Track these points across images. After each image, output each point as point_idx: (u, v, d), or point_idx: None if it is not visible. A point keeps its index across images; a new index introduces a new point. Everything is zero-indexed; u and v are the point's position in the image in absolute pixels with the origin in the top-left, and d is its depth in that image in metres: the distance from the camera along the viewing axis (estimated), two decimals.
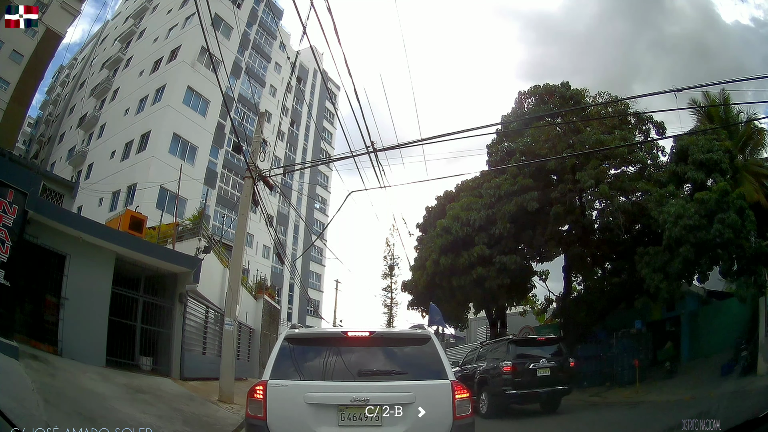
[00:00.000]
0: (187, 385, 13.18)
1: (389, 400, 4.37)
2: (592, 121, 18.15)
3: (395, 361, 4.98)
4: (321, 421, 4.35)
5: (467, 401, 4.60)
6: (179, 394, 11.84)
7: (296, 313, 46.82)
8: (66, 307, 11.13)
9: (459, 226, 17.78)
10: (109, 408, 8.10)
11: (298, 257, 39.13)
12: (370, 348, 4.98)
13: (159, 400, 10.25)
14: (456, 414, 4.44)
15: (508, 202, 17.50)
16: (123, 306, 12.99)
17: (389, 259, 54.94)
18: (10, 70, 27.03)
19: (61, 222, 11.28)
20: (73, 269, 11.36)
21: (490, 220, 17.75)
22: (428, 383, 4.61)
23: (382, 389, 4.49)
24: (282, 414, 4.42)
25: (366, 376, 4.68)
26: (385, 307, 53.87)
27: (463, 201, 18.80)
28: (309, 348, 5.08)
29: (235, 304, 12.47)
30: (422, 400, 4.41)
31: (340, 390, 4.44)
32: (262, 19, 44.95)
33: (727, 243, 13.50)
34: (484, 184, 19.10)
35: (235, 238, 13.37)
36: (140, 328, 13.66)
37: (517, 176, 17.94)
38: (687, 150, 15.31)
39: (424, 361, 4.86)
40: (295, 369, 4.77)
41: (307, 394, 4.42)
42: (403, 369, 4.89)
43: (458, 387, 4.57)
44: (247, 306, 23.54)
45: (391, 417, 4.33)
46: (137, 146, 30.34)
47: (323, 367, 4.77)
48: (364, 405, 4.32)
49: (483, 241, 17.50)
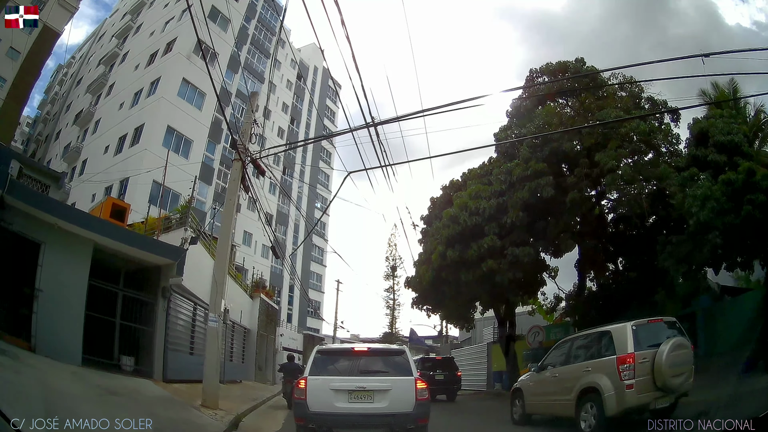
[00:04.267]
0: (169, 388, 12.01)
1: (378, 387, 7.28)
2: (607, 101, 17.19)
3: (382, 365, 7.89)
4: (338, 399, 7.19)
5: (425, 389, 7.48)
6: (158, 397, 10.69)
7: (296, 315, 45.60)
8: (40, 299, 10.14)
9: (467, 216, 16.53)
10: (71, 410, 7.07)
11: (298, 245, 37.97)
12: (367, 357, 8.02)
13: (133, 404, 9.18)
14: (417, 397, 7.26)
15: (520, 189, 16.29)
16: (101, 300, 11.95)
17: (391, 260, 54.02)
18: (6, 67, 25.96)
19: (37, 207, 10.38)
20: (49, 259, 10.39)
21: (501, 209, 16.51)
22: (401, 378, 7.45)
23: (374, 381, 7.37)
24: (315, 396, 7.22)
25: (364, 374, 7.53)
26: (388, 309, 52.89)
27: (471, 189, 17.52)
28: (331, 357, 8.19)
29: (220, 298, 11.22)
30: (397, 387, 7.32)
31: (350, 382, 7.32)
32: (261, 14, 43.99)
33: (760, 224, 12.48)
34: (493, 170, 17.90)
35: (222, 225, 12.14)
36: (119, 325, 12.56)
37: (530, 161, 16.70)
38: (706, 132, 14.52)
39: (399, 365, 7.71)
40: (324, 369, 7.67)
41: (331, 383, 7.31)
42: (386, 369, 7.71)
43: (419, 380, 7.50)
44: (242, 305, 22.34)
45: (379, 397, 7.23)
46: (131, 140, 29.18)
47: (340, 368, 7.74)
48: (363, 390, 7.23)
49: (493, 231, 16.26)
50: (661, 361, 8.07)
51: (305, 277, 46.67)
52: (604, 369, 8.66)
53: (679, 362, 8.26)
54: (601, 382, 8.51)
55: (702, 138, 14.72)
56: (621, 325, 9.01)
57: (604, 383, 8.44)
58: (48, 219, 10.37)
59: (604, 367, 8.67)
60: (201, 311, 15.81)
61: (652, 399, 8.15)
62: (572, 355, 10.07)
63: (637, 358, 8.23)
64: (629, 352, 8.32)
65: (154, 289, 13.32)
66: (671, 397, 8.30)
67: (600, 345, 9.27)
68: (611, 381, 8.35)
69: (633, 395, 8.06)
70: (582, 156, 17.01)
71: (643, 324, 9.01)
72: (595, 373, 8.82)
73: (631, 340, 8.48)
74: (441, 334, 43.97)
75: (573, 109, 18.39)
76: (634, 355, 8.25)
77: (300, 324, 44.67)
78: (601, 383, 8.50)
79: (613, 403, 8.19)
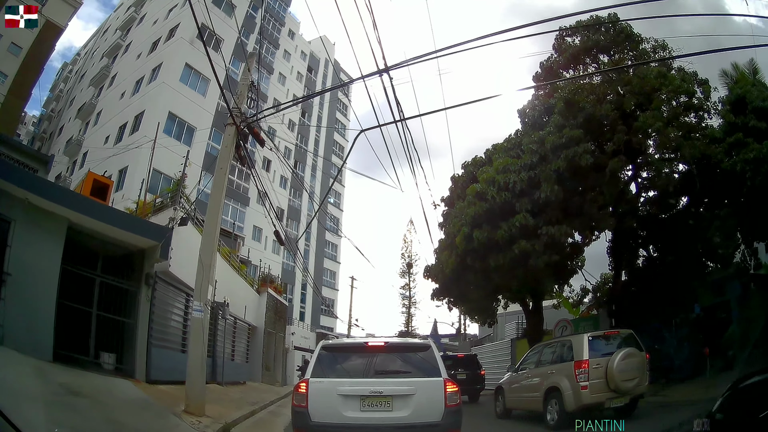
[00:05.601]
0: (151, 390, 10.27)
1: (397, 392, 5.89)
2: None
3: (402, 363, 6.45)
4: (348, 407, 5.80)
5: (456, 393, 6.03)
6: (133, 400, 8.96)
7: (309, 313, 43.94)
8: (9, 284, 8.72)
9: (495, 191, 14.52)
10: (13, 413, 5.54)
11: (311, 219, 35.92)
12: (384, 354, 6.49)
13: (96, 408, 7.54)
14: (447, 403, 5.86)
15: (555, 159, 14.31)
16: (76, 288, 10.33)
17: (407, 257, 52.23)
18: (8, 63, 25.51)
19: (6, 179, 8.82)
20: (18, 239, 9.03)
21: (533, 183, 14.50)
22: (426, 380, 6.06)
23: (393, 384, 6.00)
24: (319, 403, 5.87)
25: (381, 375, 6.17)
26: (404, 307, 51.11)
27: (499, 162, 15.47)
28: (339, 354, 6.58)
29: (207, 283, 9.42)
30: (422, 391, 5.91)
31: (362, 385, 5.94)
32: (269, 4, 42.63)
33: None
34: (523, 140, 15.86)
35: (211, 196, 10.31)
36: (97, 316, 10.81)
37: (563, 128, 14.81)
38: (743, 99, 14.14)
39: (424, 364, 6.28)
40: (330, 370, 6.25)
41: (339, 388, 5.91)
42: (408, 369, 6.34)
43: (449, 382, 6.04)
44: (247, 299, 20.58)
45: (399, 404, 5.82)
46: (131, 128, 27.73)
47: (350, 368, 6.30)
48: (379, 395, 5.82)
49: (525, 208, 14.22)
50: (612, 367, 9.47)
51: (318, 275, 45.13)
52: (564, 372, 10.14)
53: (629, 368, 9.60)
54: (561, 383, 10.00)
55: (739, 105, 14.34)
56: (579, 336, 10.92)
57: (563, 384, 9.93)
58: (18, 194, 8.98)
59: (565, 371, 10.13)
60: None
61: (606, 399, 9.49)
62: (542, 359, 11.74)
63: (591, 364, 9.68)
64: (585, 359, 9.79)
65: (137, 276, 11.57)
66: (626, 398, 9.63)
67: (563, 352, 10.78)
68: (569, 382, 9.81)
69: (587, 395, 9.46)
70: (618, 123, 15.49)
71: (599, 335, 10.88)
72: (558, 375, 10.33)
73: (586, 348, 9.96)
74: (459, 332, 41.93)
75: (606, 72, 16.57)
76: (588, 362, 9.71)
77: (313, 323, 42.95)
78: (561, 384, 9.99)
79: (571, 400, 9.67)
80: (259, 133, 12.34)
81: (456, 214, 16.41)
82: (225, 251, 18.71)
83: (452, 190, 18.88)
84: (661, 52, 16.56)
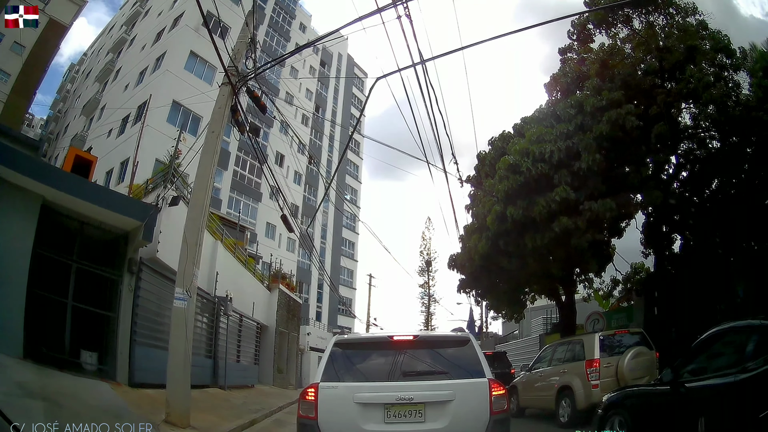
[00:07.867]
0: (131, 394, 8.73)
1: (432, 397, 4.61)
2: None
3: (437, 362, 5.07)
4: (368, 419, 4.56)
5: (503, 397, 4.80)
6: (107, 406, 7.45)
7: (326, 313, 42.46)
8: None
9: (531, 162, 12.74)
10: None
11: (332, 177, 34.34)
12: (414, 350, 5.09)
13: (52, 415, 6.12)
14: (493, 409, 4.65)
15: (595, 124, 12.60)
16: (49, 275, 8.94)
17: (426, 254, 50.52)
18: (11, 62, 25.05)
19: None
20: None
21: (572, 153, 12.74)
22: (467, 381, 4.80)
23: (425, 388, 4.69)
24: (332, 413, 4.62)
25: (410, 377, 4.85)
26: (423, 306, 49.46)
27: (532, 132, 13.67)
28: (357, 352, 5.32)
29: (192, 266, 7.80)
30: (462, 397, 4.66)
31: (387, 390, 4.66)
32: None
33: None
34: (558, 106, 14.13)
35: (200, 163, 8.68)
36: (72, 308, 9.26)
37: (602, 90, 13.28)
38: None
39: (463, 362, 5.00)
40: (345, 371, 4.95)
41: (356, 394, 4.63)
42: (445, 369, 4.98)
43: (495, 384, 4.78)
44: (255, 296, 18.99)
45: (434, 413, 4.56)
46: (133, 119, 26.47)
47: (370, 369, 5.01)
48: (408, 403, 4.55)
49: (565, 180, 12.44)
50: (623, 365, 9.74)
51: (335, 273, 43.80)
52: (576, 371, 10.35)
53: (639, 367, 9.79)
54: (573, 382, 10.23)
55: None
56: (591, 335, 11.12)
57: (575, 383, 10.16)
58: None
59: (576, 370, 10.36)
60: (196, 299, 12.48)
61: None
62: (554, 359, 11.84)
63: (602, 363, 9.92)
64: (596, 358, 10.01)
65: (119, 262, 10.03)
66: None
67: (575, 351, 10.93)
68: (581, 381, 10.03)
69: (598, 393, 9.30)
70: (657, 86, 14.41)
71: (610, 335, 11.06)
72: (569, 374, 10.55)
73: (597, 348, 10.15)
74: (482, 329, 40.02)
75: (639, 34, 15.44)
76: (599, 361, 9.94)
77: (330, 322, 41.49)
78: (573, 383, 10.22)
79: (582, 399, 9.86)
80: (260, 97, 10.81)
81: (485, 193, 14.66)
82: (229, 242, 17.20)
83: (478, 169, 17.02)
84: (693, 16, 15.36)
